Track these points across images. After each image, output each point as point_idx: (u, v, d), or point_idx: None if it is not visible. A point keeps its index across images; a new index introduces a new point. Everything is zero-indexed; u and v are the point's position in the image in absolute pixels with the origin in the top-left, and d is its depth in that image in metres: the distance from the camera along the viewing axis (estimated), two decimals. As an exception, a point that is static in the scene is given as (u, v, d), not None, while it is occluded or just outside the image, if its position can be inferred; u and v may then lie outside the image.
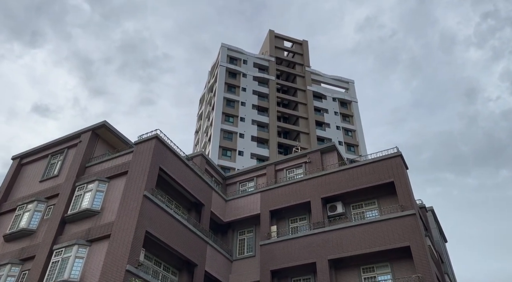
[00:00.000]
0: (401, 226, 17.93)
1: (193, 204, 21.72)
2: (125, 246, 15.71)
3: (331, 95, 65.16)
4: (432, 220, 26.49)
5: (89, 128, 21.37)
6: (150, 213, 17.16)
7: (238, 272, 21.33)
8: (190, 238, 19.45)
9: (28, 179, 21.67)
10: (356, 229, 18.94)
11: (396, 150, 20.76)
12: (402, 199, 18.86)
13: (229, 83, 58.21)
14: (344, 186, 20.81)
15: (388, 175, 19.98)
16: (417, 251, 16.86)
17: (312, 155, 24.00)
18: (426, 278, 16.05)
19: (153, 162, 18.28)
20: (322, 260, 18.74)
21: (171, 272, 19.10)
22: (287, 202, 21.86)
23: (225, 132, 52.92)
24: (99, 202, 18.19)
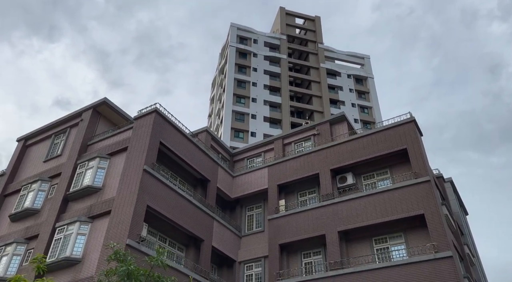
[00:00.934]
0: (414, 193, 16.90)
1: (199, 180, 21.19)
2: (125, 221, 15.31)
3: (345, 72, 63.27)
4: (451, 191, 25.23)
5: (90, 106, 20.99)
6: (151, 187, 16.69)
7: (246, 247, 20.82)
8: (196, 213, 18.97)
9: (33, 160, 21.56)
10: (367, 199, 18.00)
11: (409, 115, 19.53)
12: (416, 166, 17.75)
13: (239, 64, 57.14)
14: (354, 156, 19.81)
15: (401, 142, 18.84)
16: (432, 219, 15.85)
17: (321, 127, 22.99)
18: (441, 246, 15.07)
19: (152, 136, 17.72)
20: (331, 232, 17.96)
21: (177, 248, 18.73)
22: (295, 175, 21.05)
23: (236, 113, 52.17)
24: (101, 178, 17.84)
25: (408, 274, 15.08)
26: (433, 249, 15.18)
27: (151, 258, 8.73)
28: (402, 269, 15.32)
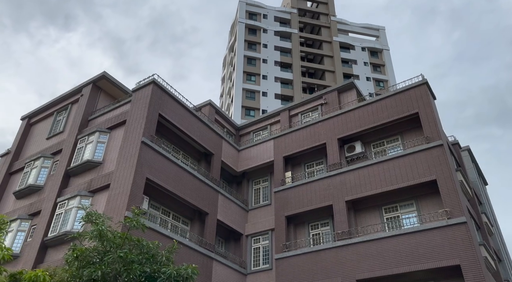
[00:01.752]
0: (426, 159, 15.92)
1: (203, 154, 20.68)
2: (124, 193, 14.97)
3: (359, 44, 61.14)
4: (469, 160, 24.04)
5: (90, 81, 20.57)
6: (150, 160, 16.25)
7: (253, 221, 20.37)
8: (199, 187, 18.53)
9: (37, 138, 21.46)
10: (376, 167, 17.13)
11: (421, 78, 18.32)
12: (428, 131, 16.69)
13: (249, 40, 55.83)
14: (363, 123, 18.83)
15: (412, 106, 17.74)
16: (445, 184, 14.90)
17: (329, 95, 21.98)
18: (455, 212, 14.16)
19: (151, 108, 17.18)
20: (339, 202, 17.24)
21: (181, 222, 18.41)
22: (301, 146, 20.27)
23: (247, 91, 51.26)
24: (101, 153, 17.52)
25: (419, 242, 14.31)
26: (446, 215, 14.30)
27: (126, 219, 8.24)
28: (413, 237, 14.54)
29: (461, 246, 13.37)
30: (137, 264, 6.79)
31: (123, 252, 6.84)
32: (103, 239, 7.10)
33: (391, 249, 14.81)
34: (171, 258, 7.35)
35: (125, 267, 6.63)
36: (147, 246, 7.37)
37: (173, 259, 7.44)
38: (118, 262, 6.67)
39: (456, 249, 13.42)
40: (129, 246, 7.37)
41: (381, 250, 15.00)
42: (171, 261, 7.28)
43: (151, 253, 7.27)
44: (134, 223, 7.92)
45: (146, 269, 6.89)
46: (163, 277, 6.75)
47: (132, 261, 6.72)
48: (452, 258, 13.33)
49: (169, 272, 6.75)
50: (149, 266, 6.89)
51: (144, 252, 7.30)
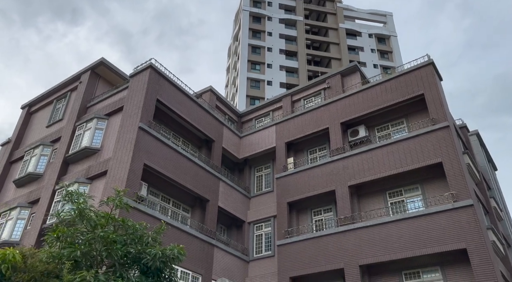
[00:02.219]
0: (432, 141, 15.36)
1: (204, 141, 20.35)
2: (121, 179, 14.72)
3: (366, 31, 59.99)
4: (477, 144, 23.35)
5: (88, 68, 20.29)
6: (148, 145, 15.95)
7: (255, 208, 20.06)
8: (200, 173, 18.23)
9: (37, 126, 21.32)
10: (380, 150, 16.63)
11: (427, 58, 17.66)
12: (434, 112, 16.10)
13: (253, 28, 55.09)
14: (366, 106, 18.28)
15: (417, 87, 17.13)
16: (451, 167, 14.36)
17: (332, 79, 21.41)
18: (461, 195, 13.65)
19: (148, 93, 16.84)
20: (341, 187, 16.81)
21: (182, 209, 18.17)
22: (304, 131, 19.81)
23: (252, 80, 50.71)
24: (99, 139, 17.28)
25: (424, 226, 13.84)
26: (452, 198, 13.79)
27: (109, 198, 7.95)
28: (417, 221, 14.08)
29: (468, 230, 12.88)
30: (120, 245, 6.50)
31: (103, 231, 6.55)
32: (83, 219, 6.81)
33: (395, 233, 14.38)
34: (159, 239, 7.04)
35: (106, 247, 6.34)
36: (133, 226, 7.08)
37: (160, 240, 7.14)
38: (98, 242, 6.39)
39: (462, 233, 12.94)
40: (114, 226, 7.09)
41: (385, 235, 14.57)
42: (158, 242, 6.97)
43: (137, 234, 6.98)
44: (117, 202, 7.62)
45: (131, 249, 6.59)
46: (148, 257, 6.44)
47: (114, 241, 6.43)
48: (458, 242, 12.87)
49: (154, 252, 6.44)
50: (134, 246, 6.59)
51: (130, 233, 7.01)
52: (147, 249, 6.56)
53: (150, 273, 6.55)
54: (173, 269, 6.98)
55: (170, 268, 6.69)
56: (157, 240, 7.00)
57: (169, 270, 6.92)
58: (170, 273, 6.97)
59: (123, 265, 6.57)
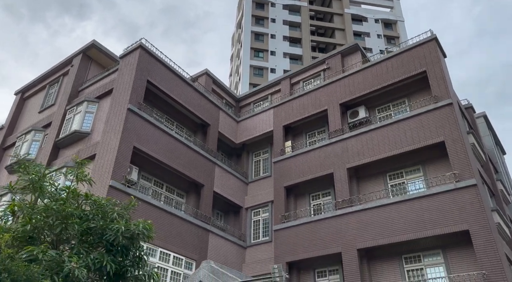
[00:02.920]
0: (434, 119, 14.58)
1: (199, 125, 19.78)
2: (109, 162, 14.25)
3: (372, 16, 58.54)
4: (485, 127, 22.41)
5: (79, 51, 19.78)
6: (137, 128, 15.44)
7: (253, 193, 19.52)
8: (194, 158, 17.70)
9: (30, 112, 20.95)
10: (380, 131, 15.89)
11: (429, 33, 16.78)
12: (436, 89, 15.28)
13: (256, 15, 54.06)
14: (367, 86, 17.50)
15: (419, 64, 16.29)
16: (453, 146, 13.59)
17: (332, 60, 20.61)
18: (464, 175, 12.90)
19: (138, 73, 16.27)
20: (340, 170, 16.14)
21: (176, 194, 17.69)
22: (302, 114, 19.12)
23: (255, 68, 49.88)
24: (89, 123, 16.81)
25: (425, 208, 13.15)
26: (454, 178, 13.05)
27: (68, 169, 7.44)
28: (418, 202, 13.39)
29: (470, 210, 12.16)
30: (78, 219, 5.99)
31: (57, 203, 6.05)
32: (35, 191, 6.31)
33: (395, 216, 13.71)
34: (126, 214, 6.52)
35: (59, 220, 5.84)
36: (98, 201, 6.56)
37: (128, 216, 6.61)
38: (52, 215, 5.89)
39: (464, 214, 12.23)
40: (78, 202, 6.58)
41: (384, 218, 13.92)
42: (126, 218, 6.45)
43: (104, 210, 6.46)
44: (77, 174, 7.10)
45: (92, 225, 6.08)
46: (110, 233, 5.92)
47: (71, 215, 5.91)
48: (461, 223, 12.17)
49: (116, 227, 5.91)
50: (96, 222, 6.08)
51: (95, 208, 6.50)
52: (111, 224, 6.03)
53: (114, 251, 6.03)
54: (141, 247, 6.44)
55: (137, 245, 6.14)
56: (124, 216, 6.46)
57: (138, 248, 6.39)
58: (139, 251, 6.43)
59: (85, 242, 6.07)
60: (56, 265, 5.15)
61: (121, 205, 6.79)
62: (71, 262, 5.19)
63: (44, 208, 5.94)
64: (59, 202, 6.13)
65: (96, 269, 5.65)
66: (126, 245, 6.02)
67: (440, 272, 12.82)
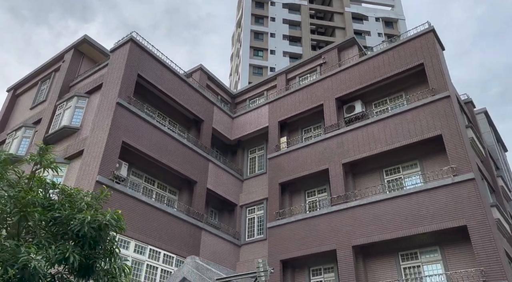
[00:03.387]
0: (431, 113, 14.15)
1: (192, 121, 19.40)
2: (96, 157, 13.89)
3: (373, 15, 58.10)
4: (485, 123, 21.96)
5: (71, 46, 19.48)
6: (127, 122, 15.07)
7: (248, 190, 19.12)
8: (187, 154, 17.33)
9: (22, 109, 20.65)
10: (376, 125, 15.47)
11: (427, 25, 16.35)
12: (434, 82, 14.84)
13: (256, 14, 53.73)
14: (363, 80, 17.08)
15: (417, 57, 15.86)
16: (451, 139, 13.15)
17: (328, 54, 20.22)
18: (461, 169, 12.45)
19: (128, 67, 15.91)
20: (335, 165, 15.72)
21: (168, 191, 17.31)
22: (297, 109, 18.71)
23: (254, 67, 49.51)
24: (79, 118, 16.47)
25: (421, 203, 12.71)
26: (452, 172, 12.60)
27: (31, 156, 7.07)
28: (415, 197, 12.94)
29: (468, 205, 11.71)
30: (41, 208, 5.62)
31: (15, 190, 5.69)
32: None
33: (391, 212, 13.27)
34: (95, 204, 6.14)
35: (18, 208, 5.47)
36: (66, 190, 6.19)
37: (99, 206, 6.24)
38: (10, 203, 5.52)
39: (462, 209, 11.78)
40: (45, 190, 6.23)
41: (380, 214, 13.48)
42: (95, 208, 6.07)
43: (73, 199, 6.09)
44: (43, 160, 6.73)
45: (56, 214, 5.71)
46: (74, 223, 5.54)
47: (32, 203, 5.54)
48: (458, 219, 11.72)
49: (82, 217, 5.54)
50: (61, 211, 5.71)
51: (63, 197, 6.13)
52: (77, 214, 5.65)
53: (82, 242, 5.65)
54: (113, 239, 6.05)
55: (104, 237, 5.74)
56: (93, 205, 6.09)
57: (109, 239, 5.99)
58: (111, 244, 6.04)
59: (50, 232, 5.69)
60: (11, 256, 4.77)
61: (92, 194, 6.40)
62: (30, 254, 4.81)
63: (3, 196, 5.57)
64: (18, 189, 5.75)
65: (59, 261, 5.27)
66: (93, 236, 5.62)
67: (437, 269, 12.37)
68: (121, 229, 6.07)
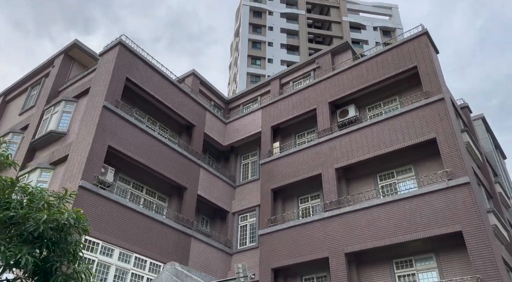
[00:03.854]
0: (425, 116, 13.77)
1: (184, 126, 19.05)
2: (80, 161, 13.49)
3: (371, 24, 58.22)
4: (483, 129, 21.63)
5: (61, 51, 19.25)
6: (113, 126, 14.71)
7: (240, 197, 18.65)
8: (177, 160, 16.93)
9: (11, 115, 20.34)
10: (369, 129, 15.09)
11: (420, 28, 16.09)
12: (428, 85, 14.51)
13: (254, 23, 53.86)
14: (356, 84, 16.77)
15: (410, 59, 15.56)
16: (445, 142, 12.74)
17: (322, 59, 19.95)
18: (456, 173, 12.01)
19: (116, 70, 15.62)
20: (328, 170, 15.29)
21: (157, 197, 16.85)
22: (290, 114, 18.38)
23: (252, 76, 49.39)
24: (66, 123, 16.12)
25: (415, 208, 12.25)
26: (446, 176, 12.16)
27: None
28: (409, 202, 12.49)
29: (463, 210, 11.25)
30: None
31: None
32: None
33: (384, 217, 12.80)
34: (55, 204, 5.73)
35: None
36: (26, 189, 5.79)
37: (62, 205, 5.82)
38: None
39: (457, 214, 11.32)
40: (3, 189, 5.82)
41: (373, 219, 13.01)
42: (57, 208, 5.67)
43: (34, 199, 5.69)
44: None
45: (12, 213, 5.30)
46: (30, 223, 5.14)
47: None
48: (453, 224, 11.24)
49: (39, 216, 5.13)
50: (17, 210, 5.30)
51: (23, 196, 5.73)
52: (34, 214, 5.24)
53: (38, 243, 5.23)
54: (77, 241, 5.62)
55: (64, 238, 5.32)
56: (54, 205, 5.67)
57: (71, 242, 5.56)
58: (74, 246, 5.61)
59: (3, 233, 5.28)
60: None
61: (56, 194, 5.99)
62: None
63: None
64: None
65: (11, 264, 4.84)
66: (51, 237, 5.20)
67: (433, 277, 11.84)
68: (85, 230, 5.64)
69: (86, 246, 12.47)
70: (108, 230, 13.10)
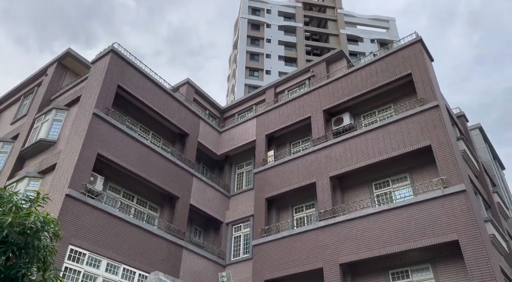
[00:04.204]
0: (420, 123, 13.54)
1: (177, 135, 18.80)
2: (68, 169, 13.20)
3: (368, 37, 58.55)
4: (480, 139, 21.38)
5: (55, 60, 19.14)
6: (103, 134, 14.46)
7: (234, 207, 18.29)
8: (169, 168, 16.63)
9: (4, 124, 20.11)
10: (364, 137, 14.84)
11: (414, 36, 16.00)
12: (422, 92, 14.32)
13: (252, 36, 54.19)
14: (350, 91, 16.60)
15: (404, 67, 15.42)
16: (440, 149, 12.47)
17: (316, 67, 19.85)
18: (452, 181, 11.71)
19: (107, 78, 15.45)
20: (322, 179, 14.99)
21: (149, 207, 16.48)
22: (284, 122, 18.16)
23: (250, 87, 49.42)
24: (57, 131, 15.88)
25: (411, 217, 11.90)
26: (442, 184, 11.85)
27: None
28: (404, 211, 12.15)
29: (460, 219, 10.91)
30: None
31: None
32: None
33: (379, 227, 12.44)
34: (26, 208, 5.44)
35: None
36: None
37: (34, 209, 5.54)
38: None
39: (454, 223, 10.97)
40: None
41: (368, 229, 12.65)
42: (29, 212, 5.37)
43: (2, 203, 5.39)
44: None
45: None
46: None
47: None
48: (450, 233, 10.89)
49: (4, 219, 4.83)
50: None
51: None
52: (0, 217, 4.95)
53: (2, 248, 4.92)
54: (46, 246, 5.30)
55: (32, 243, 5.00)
56: (23, 209, 5.38)
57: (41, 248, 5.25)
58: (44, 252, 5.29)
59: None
60: None
61: (27, 197, 5.70)
62: None
63: None
64: None
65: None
66: (17, 242, 4.90)
67: (430, 289, 11.42)
68: (56, 235, 5.33)
69: (72, 256, 12.09)
70: (95, 240, 12.73)
